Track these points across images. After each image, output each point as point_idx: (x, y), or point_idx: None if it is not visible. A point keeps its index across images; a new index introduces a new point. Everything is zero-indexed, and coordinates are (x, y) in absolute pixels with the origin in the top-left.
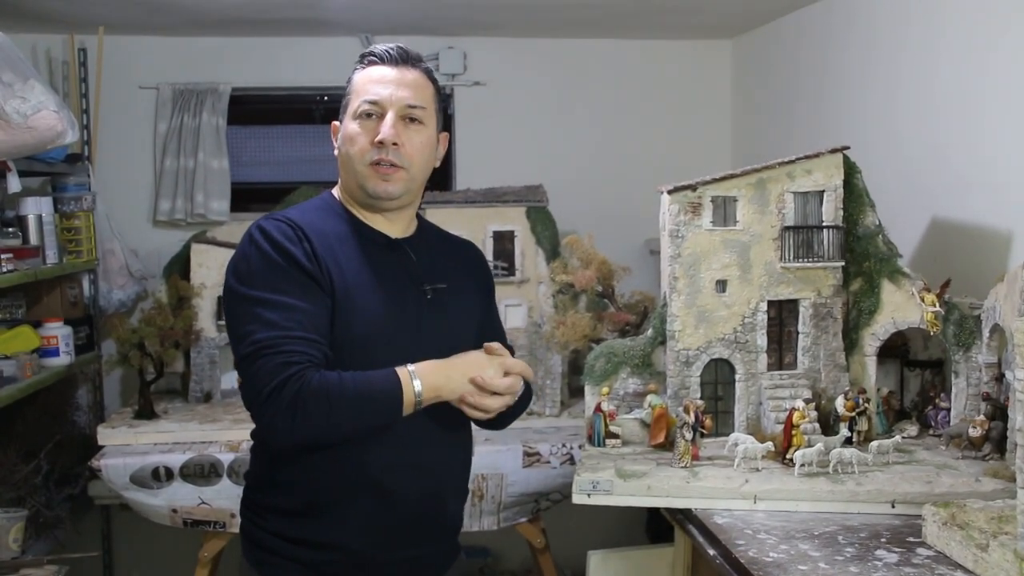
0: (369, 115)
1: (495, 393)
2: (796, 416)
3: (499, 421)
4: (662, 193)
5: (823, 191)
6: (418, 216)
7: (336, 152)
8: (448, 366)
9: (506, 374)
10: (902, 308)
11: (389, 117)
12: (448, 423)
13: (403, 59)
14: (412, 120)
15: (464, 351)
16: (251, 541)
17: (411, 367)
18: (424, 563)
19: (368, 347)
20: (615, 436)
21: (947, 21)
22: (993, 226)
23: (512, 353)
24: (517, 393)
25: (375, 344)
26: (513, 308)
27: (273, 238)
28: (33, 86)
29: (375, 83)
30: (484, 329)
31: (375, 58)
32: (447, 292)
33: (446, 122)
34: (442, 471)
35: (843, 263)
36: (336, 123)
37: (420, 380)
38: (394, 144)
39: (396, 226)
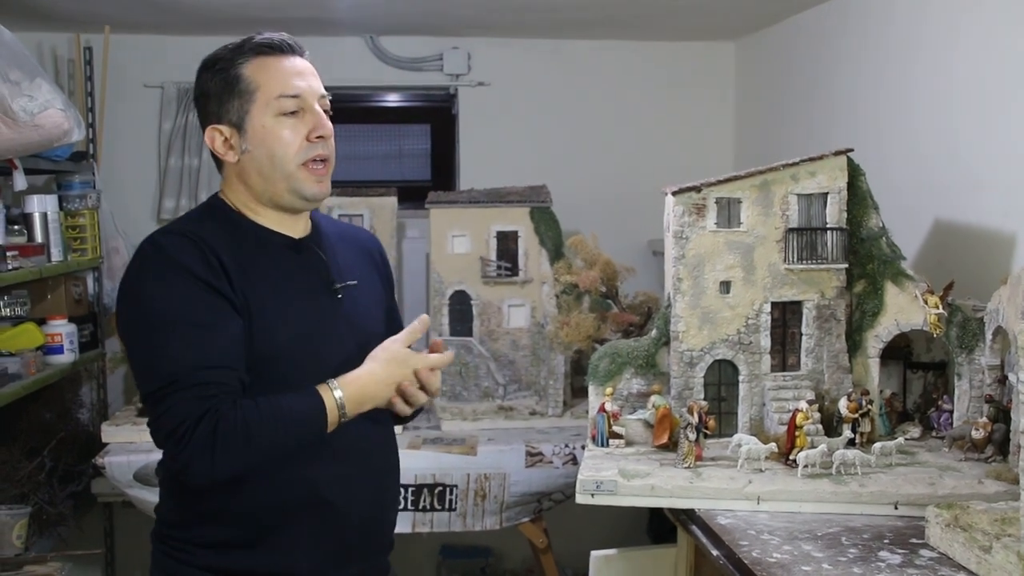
0: (290, 111)
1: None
2: (799, 417)
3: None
4: (666, 194)
5: (827, 193)
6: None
7: (232, 159)
8: (368, 374)
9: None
10: (905, 310)
11: (318, 109)
12: (380, 428)
13: (297, 48)
14: (324, 110)
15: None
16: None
17: (332, 383)
18: None
19: (289, 356)
20: (619, 436)
21: (952, 23)
22: (997, 229)
23: None
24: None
25: (295, 353)
26: (516, 308)
27: (169, 254)
28: (40, 85)
29: (288, 75)
30: (391, 321)
31: (270, 48)
32: (356, 289)
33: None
34: (381, 478)
35: (847, 265)
36: (219, 127)
37: (342, 393)
38: (329, 136)
39: (297, 226)
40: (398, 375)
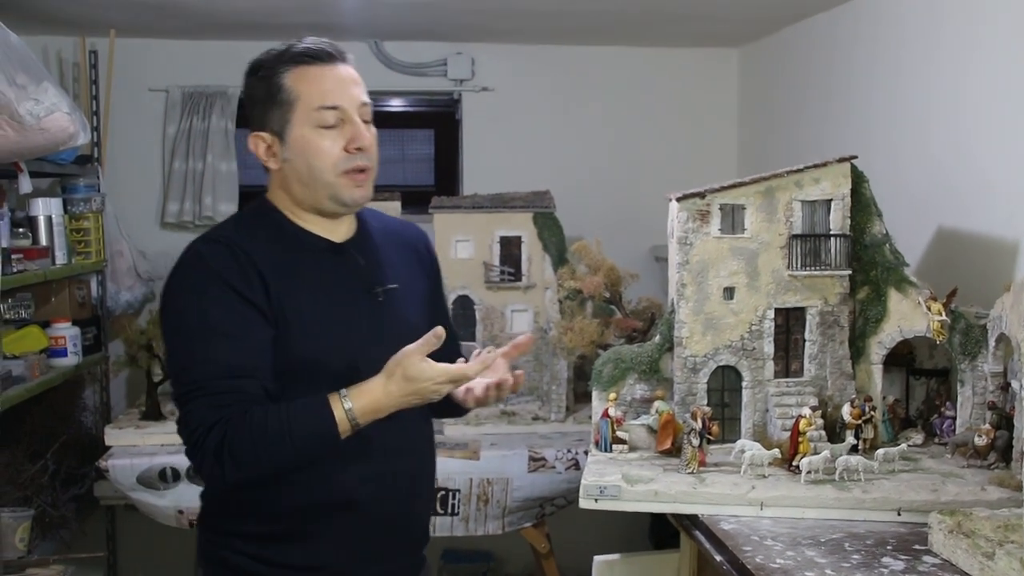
0: (330, 124)
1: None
2: (802, 423)
3: (456, 412)
4: (671, 200)
5: (830, 200)
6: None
7: (274, 166)
8: (381, 387)
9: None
10: (908, 317)
11: (358, 121)
12: (415, 427)
13: (339, 55)
14: (365, 121)
15: None
16: (214, 563)
17: (343, 392)
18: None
19: (326, 361)
20: (622, 441)
21: (954, 31)
22: (1000, 236)
23: (457, 340)
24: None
25: (332, 357)
26: (519, 313)
27: (208, 264)
28: (46, 88)
29: (328, 86)
30: (436, 319)
31: (311, 57)
32: (398, 291)
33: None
34: (413, 477)
35: (850, 271)
36: (262, 135)
37: (352, 404)
38: (368, 147)
39: (340, 229)
40: (410, 390)
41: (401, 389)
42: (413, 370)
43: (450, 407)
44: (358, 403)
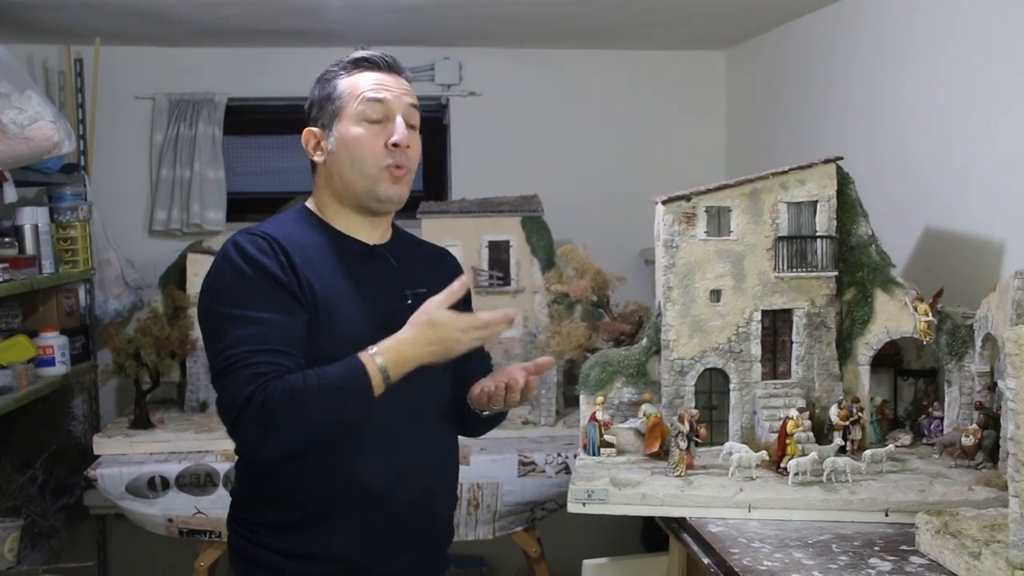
0: (374, 119)
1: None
2: (790, 425)
3: (482, 425)
4: (657, 203)
5: (816, 201)
6: (392, 224)
7: (319, 158)
8: (408, 337)
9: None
10: (895, 317)
11: (400, 120)
12: (436, 428)
13: (395, 66)
14: (410, 125)
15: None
16: (241, 556)
17: (372, 348)
18: (418, 573)
19: (350, 353)
20: (610, 445)
21: (941, 32)
22: (986, 236)
23: (488, 360)
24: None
25: (357, 350)
26: None
27: (247, 253)
28: (30, 97)
29: (378, 87)
30: None
31: (370, 64)
32: (425, 296)
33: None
34: (432, 476)
35: (836, 273)
36: (313, 130)
37: (383, 359)
38: (407, 147)
39: (375, 233)
40: (435, 336)
41: (426, 336)
42: (437, 315)
43: (474, 417)
44: (388, 356)
